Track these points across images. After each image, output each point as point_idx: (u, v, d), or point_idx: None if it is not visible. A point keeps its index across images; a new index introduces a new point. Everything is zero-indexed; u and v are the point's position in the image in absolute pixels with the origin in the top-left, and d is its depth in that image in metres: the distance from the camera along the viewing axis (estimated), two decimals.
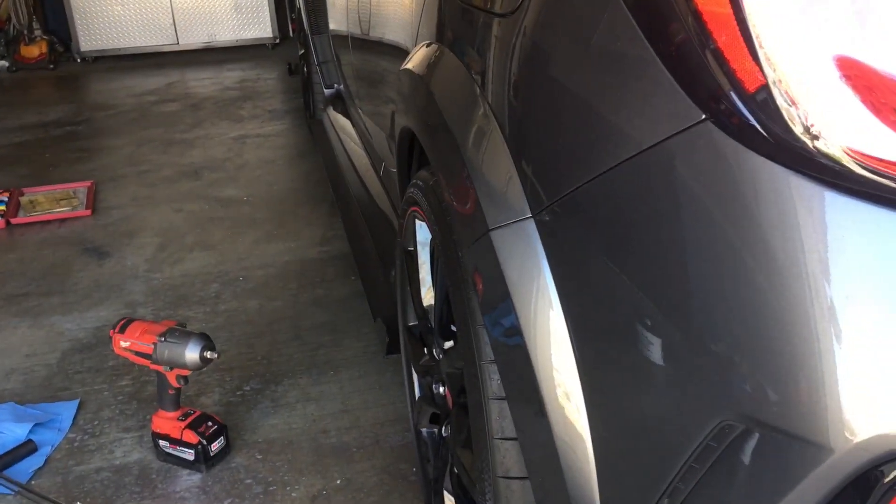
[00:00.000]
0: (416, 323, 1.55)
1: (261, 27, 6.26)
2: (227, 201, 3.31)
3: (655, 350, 0.73)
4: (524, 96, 0.90)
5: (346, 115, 3.25)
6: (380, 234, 2.26)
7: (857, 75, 0.58)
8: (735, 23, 0.62)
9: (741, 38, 0.62)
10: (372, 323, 2.27)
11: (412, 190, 1.30)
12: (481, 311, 0.96)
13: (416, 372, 1.51)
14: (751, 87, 0.62)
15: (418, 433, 1.53)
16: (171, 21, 6.15)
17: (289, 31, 6.39)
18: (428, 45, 1.24)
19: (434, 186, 1.17)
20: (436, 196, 1.14)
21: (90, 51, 6.15)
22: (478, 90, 1.00)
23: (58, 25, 6.26)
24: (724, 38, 0.63)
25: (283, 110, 4.66)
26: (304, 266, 2.70)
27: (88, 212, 3.23)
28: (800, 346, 0.61)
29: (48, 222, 3.17)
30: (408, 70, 1.27)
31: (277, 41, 6.35)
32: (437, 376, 1.38)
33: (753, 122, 0.62)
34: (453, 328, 1.24)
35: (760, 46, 0.60)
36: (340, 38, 3.05)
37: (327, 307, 2.43)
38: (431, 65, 1.17)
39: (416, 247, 1.40)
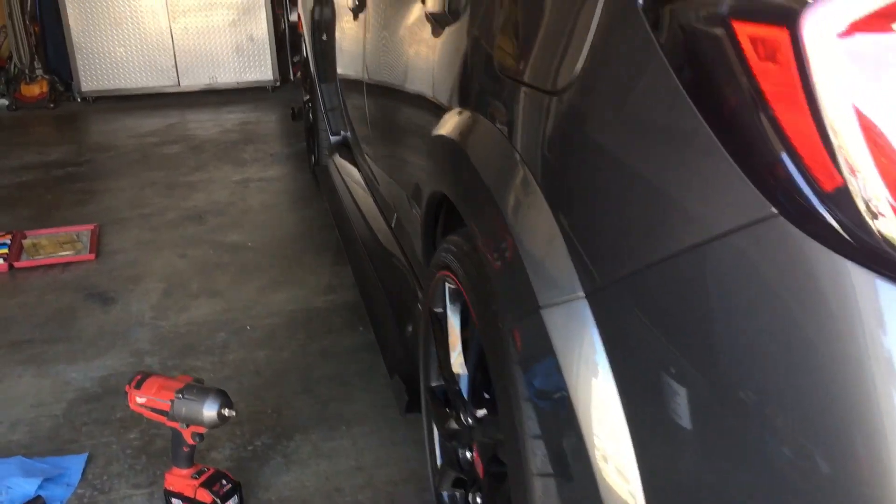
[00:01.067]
0: (439, 384, 1.54)
1: (261, 70, 6.31)
2: (232, 247, 3.30)
3: (716, 438, 0.73)
4: (577, 175, 0.90)
5: (353, 162, 3.26)
6: (391, 286, 2.26)
7: None
8: (814, 125, 0.62)
9: (820, 139, 0.62)
10: (383, 377, 2.26)
11: (444, 255, 1.30)
12: (527, 385, 0.96)
13: (441, 435, 1.50)
14: (829, 187, 0.62)
15: (439, 496, 1.51)
16: (173, 63, 6.19)
17: (289, 74, 6.45)
18: (462, 112, 1.25)
19: (471, 255, 1.17)
20: (474, 265, 1.14)
21: (91, 91, 6.17)
22: (522, 163, 1.01)
23: (59, 65, 6.29)
24: (802, 137, 0.63)
25: (284, 154, 4.67)
26: (311, 315, 2.69)
27: (92, 256, 3.21)
28: (863, 443, 0.62)
29: (52, 266, 3.15)
30: (443, 137, 1.28)
31: (278, 84, 6.40)
32: (464, 441, 1.37)
33: (831, 221, 0.63)
34: (485, 395, 1.24)
35: (841, 150, 0.61)
36: (350, 85, 3.08)
37: (336, 359, 2.41)
38: (469, 133, 1.18)
39: (445, 310, 1.39)
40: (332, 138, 3.56)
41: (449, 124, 1.28)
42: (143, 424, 2.09)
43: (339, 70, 3.24)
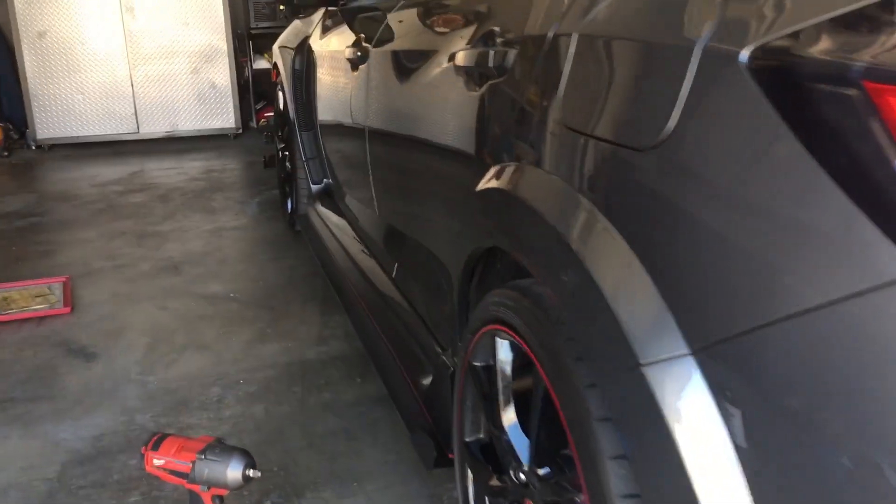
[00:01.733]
0: (475, 439, 1.52)
1: (224, 118, 6.27)
2: (213, 298, 3.23)
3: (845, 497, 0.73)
4: (677, 234, 0.91)
5: (337, 210, 3.24)
6: (397, 338, 2.23)
7: None
8: None
9: None
10: (390, 431, 2.23)
11: (496, 308, 1.30)
12: (622, 444, 0.95)
13: (480, 492, 1.48)
14: None
15: None
16: (133, 110, 6.10)
17: (252, 121, 6.42)
18: (520, 167, 1.25)
19: (536, 309, 1.16)
20: (541, 319, 1.14)
21: (47, 138, 6.03)
22: (606, 220, 1.01)
23: (13, 112, 6.14)
24: None
25: (255, 202, 4.62)
26: (306, 368, 2.64)
27: (68, 309, 3.11)
28: None
29: (26, 320, 3.03)
30: (499, 191, 1.28)
31: (240, 131, 6.36)
32: (512, 498, 1.35)
33: None
34: (550, 452, 1.22)
35: None
36: (340, 136, 3.07)
37: (338, 412, 2.36)
38: (535, 188, 1.18)
39: (493, 365, 1.38)
40: (314, 187, 3.54)
41: (504, 179, 1.28)
42: (144, 486, 2.01)
43: (325, 119, 3.24)
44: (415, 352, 2.08)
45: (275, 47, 3.98)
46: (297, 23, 3.82)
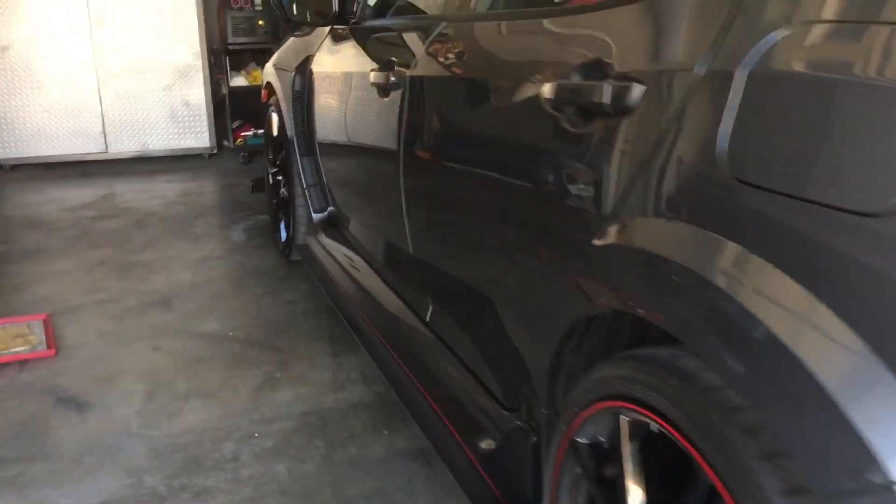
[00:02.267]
0: None
1: (198, 137, 6.00)
2: (211, 337, 3.00)
3: None
4: None
5: (346, 242, 3.04)
6: (439, 390, 2.04)
7: None
8: None
9: None
10: (429, 491, 2.03)
11: (627, 385, 1.12)
12: None
13: None
14: None
15: None
16: (101, 129, 5.80)
17: (227, 140, 6.16)
18: (666, 223, 1.08)
19: (696, 395, 0.99)
20: (708, 410, 0.96)
21: (8, 158, 5.71)
22: (811, 295, 0.84)
23: None
24: None
25: (240, 228, 4.38)
26: (325, 418, 2.43)
27: (52, 351, 2.84)
28: None
29: (5, 365, 2.76)
30: (644, 251, 1.10)
31: (215, 151, 6.10)
32: None
33: None
34: None
35: None
36: (344, 159, 2.88)
37: (368, 470, 2.16)
38: (698, 250, 1.00)
39: (610, 446, 1.20)
40: (315, 216, 3.33)
41: (646, 236, 1.11)
42: None
43: (331, 144, 3.04)
44: (466, 408, 1.89)
45: (268, 67, 3.76)
46: (294, 41, 3.61)
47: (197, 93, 5.91)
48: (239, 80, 5.85)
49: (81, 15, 5.53)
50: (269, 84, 3.78)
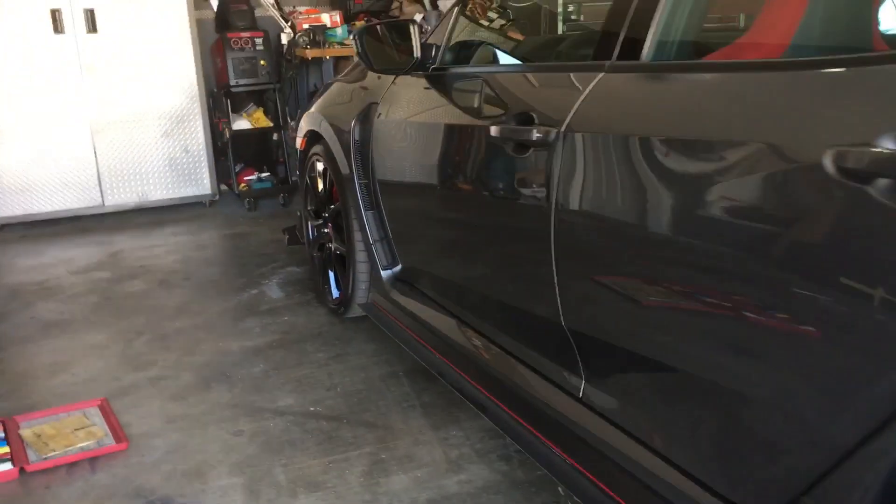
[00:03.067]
0: None
1: (198, 184, 5.71)
2: (292, 415, 2.75)
3: None
4: None
5: (433, 302, 2.82)
6: (613, 478, 1.84)
7: None
8: None
9: None
10: None
11: None
12: None
13: None
14: None
15: None
16: (97, 181, 5.48)
17: (228, 186, 5.88)
18: None
19: None
20: None
21: None
22: None
23: None
24: None
25: (274, 283, 4.12)
26: None
27: (124, 445, 2.56)
28: None
29: (74, 465, 2.47)
30: None
31: (216, 198, 5.81)
32: None
33: None
34: None
35: None
36: (434, 214, 2.68)
37: None
38: None
39: None
40: (385, 273, 3.11)
41: None
42: None
43: (411, 198, 2.84)
44: (664, 497, 1.70)
45: (312, 114, 3.54)
46: (344, 87, 3.40)
47: (196, 138, 5.63)
48: (242, 123, 5.58)
49: (72, 62, 5.21)
50: (310, 133, 3.56)
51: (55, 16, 5.12)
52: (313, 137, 3.57)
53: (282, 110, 5.71)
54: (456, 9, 2.67)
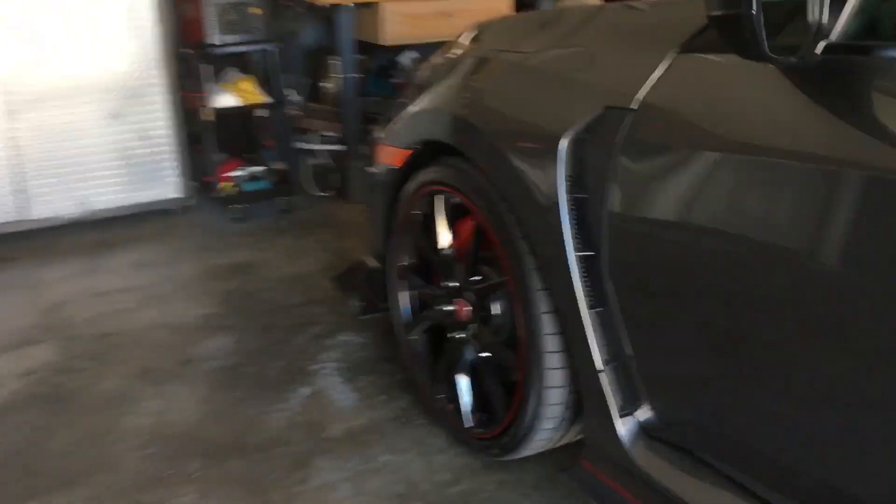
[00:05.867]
0: None
1: (162, 185, 4.06)
2: None
3: None
4: None
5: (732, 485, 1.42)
6: None
7: None
8: None
9: None
10: None
11: None
12: None
13: None
14: None
15: None
16: (15, 184, 3.78)
17: (211, 187, 4.23)
18: None
19: None
20: None
21: None
22: None
23: None
24: None
25: (334, 372, 2.59)
26: None
27: None
28: None
29: None
30: None
31: (192, 201, 4.17)
32: None
33: None
34: None
35: None
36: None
37: None
38: None
39: None
40: (624, 419, 1.66)
41: None
42: None
43: (695, 294, 1.39)
44: None
45: (421, 113, 2.02)
46: (517, 65, 1.88)
47: (156, 119, 3.96)
48: (226, 99, 3.93)
49: None
50: (422, 144, 2.05)
51: None
52: (427, 152, 2.06)
53: (274, 80, 4.08)
54: None
